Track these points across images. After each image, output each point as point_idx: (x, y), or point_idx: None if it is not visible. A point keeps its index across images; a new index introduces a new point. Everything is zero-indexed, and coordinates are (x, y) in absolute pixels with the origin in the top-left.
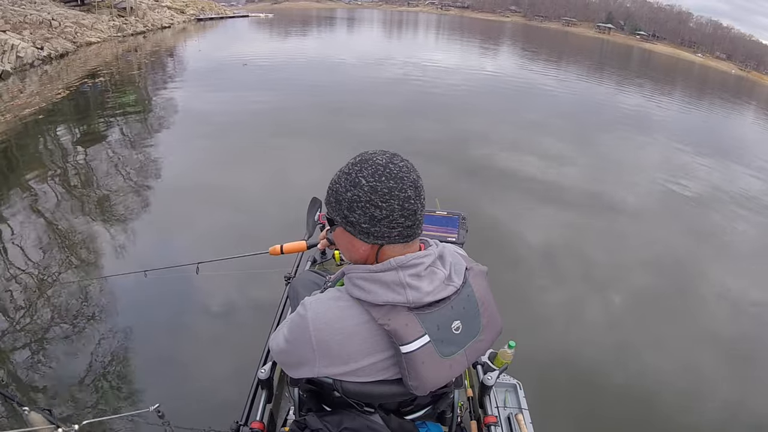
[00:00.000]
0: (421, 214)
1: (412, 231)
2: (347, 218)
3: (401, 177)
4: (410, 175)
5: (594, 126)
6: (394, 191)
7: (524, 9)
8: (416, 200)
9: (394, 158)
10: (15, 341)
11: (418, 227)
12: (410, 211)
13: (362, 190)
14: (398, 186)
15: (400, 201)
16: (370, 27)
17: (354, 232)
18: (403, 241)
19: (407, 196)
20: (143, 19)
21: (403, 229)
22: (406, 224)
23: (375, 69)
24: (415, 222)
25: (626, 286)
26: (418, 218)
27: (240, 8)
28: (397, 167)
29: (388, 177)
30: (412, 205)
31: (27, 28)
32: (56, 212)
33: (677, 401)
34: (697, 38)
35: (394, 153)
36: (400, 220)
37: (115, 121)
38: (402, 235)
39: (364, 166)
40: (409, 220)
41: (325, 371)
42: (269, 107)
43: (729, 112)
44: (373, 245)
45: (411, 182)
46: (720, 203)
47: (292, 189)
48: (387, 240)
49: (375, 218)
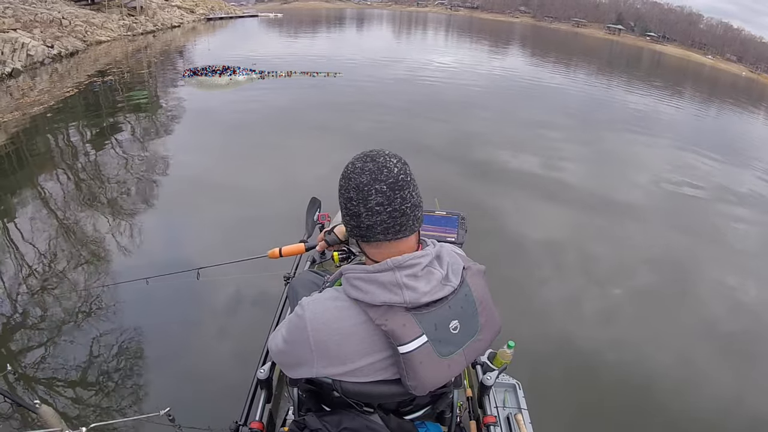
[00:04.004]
0: (371, 219)
1: (362, 232)
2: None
3: (349, 178)
4: (357, 178)
5: (601, 126)
6: (341, 189)
7: (534, 10)
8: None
9: (358, 160)
10: (20, 345)
11: (368, 231)
12: (352, 212)
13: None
14: (345, 185)
15: (344, 200)
16: (380, 27)
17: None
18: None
19: (349, 197)
20: (153, 18)
21: (351, 228)
22: (352, 224)
23: (383, 69)
24: (359, 224)
25: (626, 286)
26: (364, 222)
27: (249, 8)
28: (352, 167)
29: (342, 176)
30: (353, 206)
31: (37, 27)
32: (62, 211)
33: (677, 401)
34: (708, 40)
35: (368, 154)
36: (347, 217)
37: (124, 119)
38: (354, 234)
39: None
40: (353, 220)
41: (323, 371)
42: (277, 106)
43: (738, 113)
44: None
45: (354, 185)
46: (723, 203)
47: (297, 188)
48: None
49: (347, 210)
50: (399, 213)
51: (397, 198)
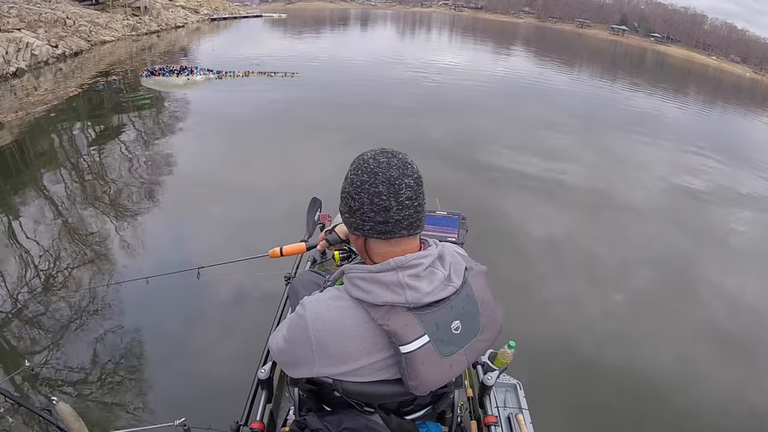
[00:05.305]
0: (400, 213)
1: (387, 228)
2: (340, 207)
3: (375, 173)
4: (386, 172)
5: (604, 126)
6: (365, 185)
7: (538, 10)
8: (389, 197)
9: (379, 155)
10: (23, 346)
11: (395, 226)
12: (380, 206)
13: (346, 182)
14: (369, 180)
15: (369, 195)
16: (384, 27)
17: (344, 221)
18: (381, 238)
19: (377, 192)
20: (157, 18)
21: (374, 224)
22: (377, 219)
23: (388, 69)
24: (387, 219)
25: (627, 287)
26: (392, 216)
27: (254, 8)
28: (375, 162)
29: (362, 171)
30: (382, 201)
31: (42, 27)
32: (64, 210)
33: (677, 400)
34: (712, 41)
35: (388, 151)
36: (371, 214)
37: (128, 118)
38: (375, 231)
39: (355, 161)
40: (379, 215)
41: (324, 371)
42: (280, 106)
43: (742, 115)
44: (358, 237)
45: (384, 179)
46: (725, 203)
47: (300, 188)
48: (362, 233)
49: (352, 209)
50: (421, 208)
51: (420, 193)
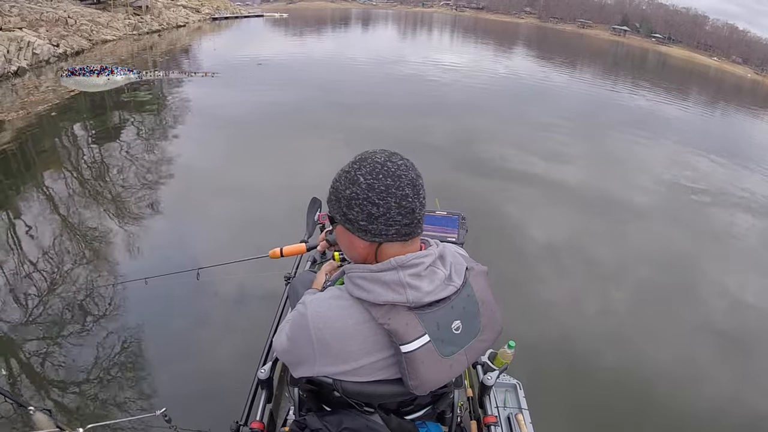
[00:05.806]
0: (420, 212)
1: (411, 229)
2: (346, 216)
3: (399, 175)
4: (408, 174)
5: (605, 126)
6: (391, 189)
7: (539, 11)
8: (414, 198)
9: (393, 157)
10: (18, 345)
11: (416, 226)
12: (407, 209)
13: (360, 187)
14: (395, 184)
15: (396, 199)
16: (385, 27)
17: (353, 230)
18: (402, 240)
19: (404, 194)
20: (159, 17)
21: (400, 227)
22: (404, 222)
23: (390, 68)
24: (413, 220)
25: (627, 286)
26: (417, 217)
27: (255, 8)
28: (395, 165)
29: (385, 175)
30: (409, 203)
31: (43, 26)
32: (65, 209)
33: (677, 400)
34: (713, 42)
35: (394, 152)
36: (398, 218)
37: (129, 118)
38: (400, 233)
39: (362, 165)
40: (406, 218)
41: (324, 370)
42: (281, 107)
43: (743, 115)
44: (371, 243)
45: (409, 180)
46: (726, 203)
47: (300, 187)
48: (385, 238)
49: (372, 216)
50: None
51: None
